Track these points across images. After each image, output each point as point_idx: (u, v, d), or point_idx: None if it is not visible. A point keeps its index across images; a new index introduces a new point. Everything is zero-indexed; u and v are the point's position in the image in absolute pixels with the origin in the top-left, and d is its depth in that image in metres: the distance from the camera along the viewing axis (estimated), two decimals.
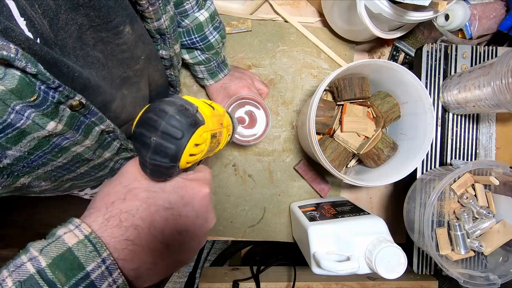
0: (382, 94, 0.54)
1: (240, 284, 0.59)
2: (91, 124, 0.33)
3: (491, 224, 0.50)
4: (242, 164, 0.63)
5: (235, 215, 0.63)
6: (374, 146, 0.52)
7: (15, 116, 0.23)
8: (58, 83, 0.25)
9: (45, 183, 0.35)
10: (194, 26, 0.47)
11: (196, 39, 0.49)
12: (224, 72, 0.56)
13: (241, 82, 0.56)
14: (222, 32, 0.51)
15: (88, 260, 0.22)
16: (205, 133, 0.26)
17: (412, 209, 0.52)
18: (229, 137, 0.36)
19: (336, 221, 0.48)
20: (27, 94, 0.23)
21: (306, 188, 0.64)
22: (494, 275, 0.46)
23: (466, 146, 0.57)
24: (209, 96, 0.60)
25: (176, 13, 0.43)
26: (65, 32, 0.29)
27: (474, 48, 0.56)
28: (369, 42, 0.64)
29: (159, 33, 0.42)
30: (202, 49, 0.51)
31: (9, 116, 0.23)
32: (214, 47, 0.51)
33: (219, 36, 0.50)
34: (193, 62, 0.54)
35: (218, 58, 0.54)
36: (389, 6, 0.46)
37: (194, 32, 0.48)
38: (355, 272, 0.42)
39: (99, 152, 0.40)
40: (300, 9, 0.64)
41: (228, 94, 0.56)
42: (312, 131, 0.46)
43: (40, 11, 0.26)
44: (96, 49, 0.33)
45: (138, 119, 0.24)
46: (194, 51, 0.52)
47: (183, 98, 0.26)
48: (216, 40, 0.50)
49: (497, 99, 0.44)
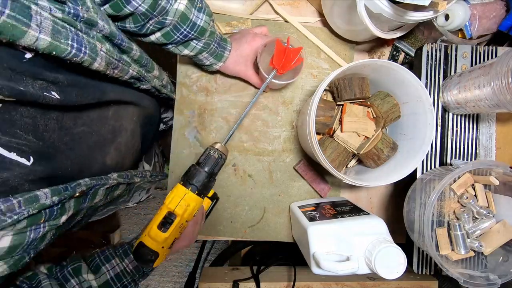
0: (382, 94, 0.54)
1: (240, 284, 0.59)
2: (95, 191, 0.41)
3: (491, 224, 0.50)
4: (242, 164, 0.63)
5: (235, 215, 0.63)
6: (374, 146, 0.52)
7: (34, 233, 0.31)
8: (58, 199, 0.32)
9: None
10: (179, 18, 0.45)
11: (187, 30, 0.47)
12: (228, 48, 0.54)
13: (248, 37, 0.54)
14: (207, 10, 0.48)
15: None
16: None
17: (412, 209, 0.51)
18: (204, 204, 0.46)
19: (336, 221, 0.48)
20: (36, 220, 0.30)
21: (306, 188, 0.64)
22: (494, 275, 0.46)
23: (466, 146, 0.57)
24: (230, 75, 0.59)
25: (156, 14, 0.43)
26: (47, 132, 0.33)
27: (474, 48, 0.56)
28: (369, 42, 0.64)
29: (133, 78, 0.46)
30: (197, 37, 0.49)
31: (30, 236, 0.30)
32: (207, 29, 0.49)
33: (206, 16, 0.48)
34: (195, 53, 0.52)
35: (216, 38, 0.52)
36: (389, 6, 0.46)
37: (182, 25, 0.46)
38: (355, 272, 0.42)
39: (89, 202, 0.45)
40: (300, 9, 0.64)
41: (247, 58, 0.55)
42: (312, 131, 0.46)
43: (22, 132, 0.30)
44: (77, 127, 0.38)
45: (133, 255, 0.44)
46: (190, 42, 0.50)
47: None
48: (205, 21, 0.48)
49: (497, 99, 0.44)
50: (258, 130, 0.63)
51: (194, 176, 0.41)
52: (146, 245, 0.41)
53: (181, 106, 0.63)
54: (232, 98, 0.63)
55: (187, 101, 0.63)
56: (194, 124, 0.63)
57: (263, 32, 0.58)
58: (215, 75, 0.62)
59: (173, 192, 0.42)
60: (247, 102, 0.63)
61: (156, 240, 0.41)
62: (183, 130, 0.62)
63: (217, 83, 0.63)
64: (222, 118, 0.63)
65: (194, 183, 0.41)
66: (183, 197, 0.41)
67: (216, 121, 0.63)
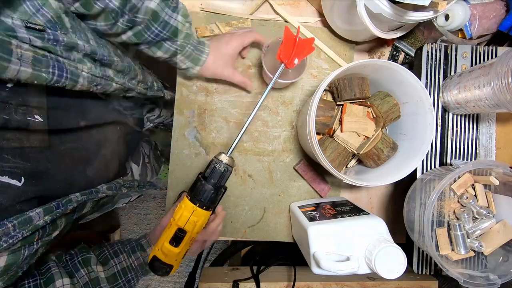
0: (382, 94, 0.54)
1: (240, 284, 0.59)
2: (83, 203, 0.44)
3: (491, 224, 0.50)
4: (242, 164, 0.63)
5: (235, 215, 0.63)
6: (374, 146, 0.52)
7: (28, 250, 0.33)
8: (50, 219, 0.34)
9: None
10: (150, 17, 0.43)
11: (158, 30, 0.45)
12: (206, 52, 0.52)
13: (225, 38, 0.53)
14: (183, 11, 0.47)
15: None
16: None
17: (412, 209, 0.51)
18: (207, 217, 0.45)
19: (336, 221, 0.48)
20: (30, 240, 0.33)
21: (306, 188, 0.64)
22: (494, 275, 0.46)
23: (466, 146, 0.57)
24: (210, 78, 0.58)
25: (127, 12, 0.41)
26: (34, 153, 0.34)
27: (474, 48, 0.56)
28: (369, 42, 0.64)
29: (117, 90, 0.47)
30: (170, 38, 0.47)
31: (24, 254, 0.32)
32: (181, 30, 0.47)
33: (181, 16, 0.46)
34: (168, 56, 0.50)
35: (192, 40, 0.50)
36: (389, 6, 0.46)
37: (153, 23, 0.44)
38: (355, 272, 0.42)
39: (77, 213, 0.46)
40: (300, 9, 0.64)
41: (226, 59, 0.53)
42: (312, 131, 0.46)
43: (10, 156, 0.31)
44: (63, 144, 0.40)
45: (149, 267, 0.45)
46: (163, 43, 0.48)
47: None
48: (180, 22, 0.46)
49: (497, 99, 0.44)
50: (258, 130, 0.63)
51: (201, 191, 0.41)
52: (160, 259, 0.43)
53: (181, 106, 0.63)
54: (232, 98, 0.63)
55: (187, 101, 0.63)
56: (194, 124, 0.63)
57: (251, 37, 0.55)
58: None
59: (182, 208, 0.41)
60: (247, 102, 0.63)
61: (169, 255, 0.42)
62: (183, 130, 0.62)
63: (217, 83, 0.63)
64: (222, 118, 0.63)
65: (202, 199, 0.41)
66: (191, 213, 0.41)
67: (216, 121, 0.63)
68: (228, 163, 0.42)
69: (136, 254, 0.50)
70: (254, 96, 0.63)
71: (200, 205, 0.41)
